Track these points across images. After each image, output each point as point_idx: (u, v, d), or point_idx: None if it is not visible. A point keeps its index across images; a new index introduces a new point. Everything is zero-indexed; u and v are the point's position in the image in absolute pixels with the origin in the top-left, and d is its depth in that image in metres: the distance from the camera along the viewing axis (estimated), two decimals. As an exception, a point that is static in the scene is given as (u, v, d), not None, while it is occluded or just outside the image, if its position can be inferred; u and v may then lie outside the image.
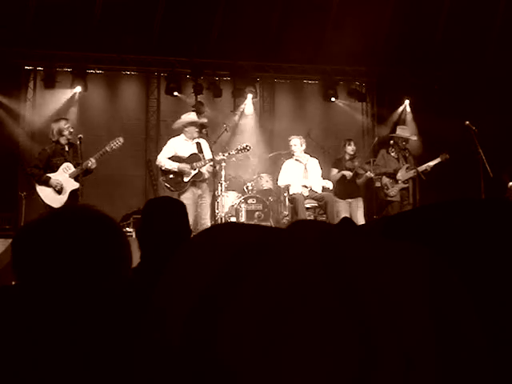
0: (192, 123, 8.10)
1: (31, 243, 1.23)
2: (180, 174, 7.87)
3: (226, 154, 8.15)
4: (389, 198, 8.47)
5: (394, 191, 8.43)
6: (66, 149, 7.29)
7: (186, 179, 7.86)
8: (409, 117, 11.23)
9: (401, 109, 11.35)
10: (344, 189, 8.72)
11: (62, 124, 7.28)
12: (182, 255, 0.64)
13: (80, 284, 1.19)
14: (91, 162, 7.16)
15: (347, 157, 8.87)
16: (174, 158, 7.96)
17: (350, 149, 8.87)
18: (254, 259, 0.56)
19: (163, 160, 7.98)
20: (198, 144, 8.12)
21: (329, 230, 0.60)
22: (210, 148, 8.16)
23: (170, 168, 7.89)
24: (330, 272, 0.53)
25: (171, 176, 7.90)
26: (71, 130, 7.28)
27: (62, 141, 7.24)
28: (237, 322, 0.52)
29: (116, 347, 1.13)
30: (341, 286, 0.52)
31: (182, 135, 8.11)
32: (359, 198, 8.84)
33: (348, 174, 8.67)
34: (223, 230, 0.67)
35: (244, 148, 8.31)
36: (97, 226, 1.27)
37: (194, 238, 0.67)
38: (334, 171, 8.85)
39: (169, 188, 7.90)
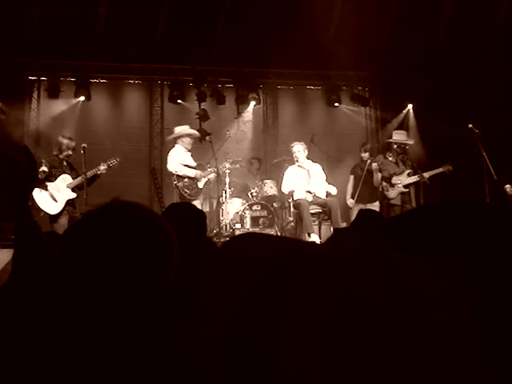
0: (189, 135, 8.52)
1: (80, 240, 1.19)
2: (195, 179, 8.24)
3: (228, 165, 8.61)
4: (391, 202, 8.48)
5: (393, 194, 8.45)
6: (64, 163, 7.68)
7: (200, 185, 8.27)
8: (412, 121, 11.22)
9: (404, 113, 11.35)
10: (359, 194, 8.97)
11: (65, 143, 7.66)
12: (218, 263, 0.63)
13: (125, 287, 1.14)
14: (102, 168, 7.60)
15: (362, 161, 9.15)
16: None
17: (365, 155, 9.08)
18: (298, 266, 0.56)
19: (179, 166, 8.24)
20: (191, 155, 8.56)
21: (374, 239, 0.59)
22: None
23: (187, 174, 8.20)
24: (388, 281, 0.52)
25: (187, 182, 8.21)
26: (70, 153, 7.66)
27: (61, 156, 7.66)
28: (298, 326, 0.51)
29: (155, 349, 1.10)
30: (401, 295, 0.51)
31: (180, 146, 8.42)
32: (374, 203, 8.91)
33: (348, 200, 9.18)
34: (255, 239, 0.66)
35: (237, 161, 8.85)
36: (148, 228, 1.21)
37: (227, 245, 0.66)
38: (351, 177, 9.30)
39: (188, 194, 8.18)
